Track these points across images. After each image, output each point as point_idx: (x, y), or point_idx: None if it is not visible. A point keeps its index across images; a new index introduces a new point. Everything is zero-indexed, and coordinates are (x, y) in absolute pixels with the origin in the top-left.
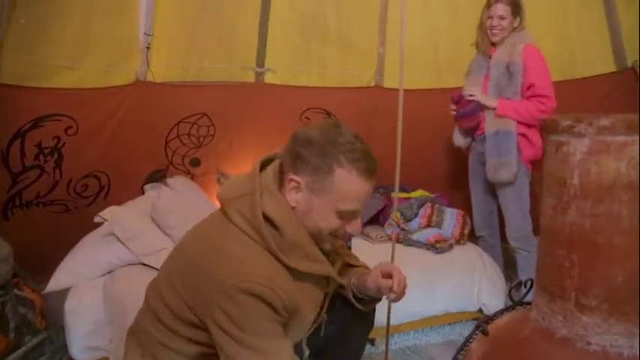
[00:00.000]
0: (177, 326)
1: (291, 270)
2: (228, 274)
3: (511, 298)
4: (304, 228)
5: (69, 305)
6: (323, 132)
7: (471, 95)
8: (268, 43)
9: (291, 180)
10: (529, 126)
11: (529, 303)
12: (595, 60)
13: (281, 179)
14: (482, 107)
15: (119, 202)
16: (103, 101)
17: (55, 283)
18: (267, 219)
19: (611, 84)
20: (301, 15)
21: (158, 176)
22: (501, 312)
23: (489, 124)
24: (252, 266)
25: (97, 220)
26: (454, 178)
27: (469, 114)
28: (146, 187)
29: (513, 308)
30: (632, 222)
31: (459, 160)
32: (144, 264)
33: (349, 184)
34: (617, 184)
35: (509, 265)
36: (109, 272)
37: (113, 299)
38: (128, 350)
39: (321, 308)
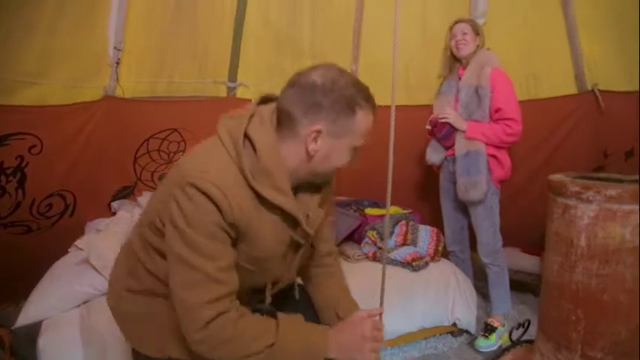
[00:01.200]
0: (149, 236)
1: (258, 197)
2: (190, 171)
3: (511, 339)
4: (281, 161)
5: (43, 342)
6: (330, 76)
7: (444, 117)
8: (241, 57)
9: (313, 131)
10: (498, 147)
11: (527, 341)
12: (557, 82)
13: (279, 119)
14: (454, 128)
15: (85, 221)
16: (69, 118)
17: (25, 317)
18: (249, 140)
19: (571, 105)
20: (275, 30)
21: (126, 193)
22: (502, 352)
23: (460, 145)
24: (215, 171)
25: (72, 250)
26: (424, 193)
27: (446, 136)
28: (113, 204)
29: (514, 347)
30: (635, 283)
31: (428, 175)
32: None
33: (366, 122)
34: (622, 248)
35: (477, 276)
36: (85, 302)
37: (91, 337)
38: (117, 265)
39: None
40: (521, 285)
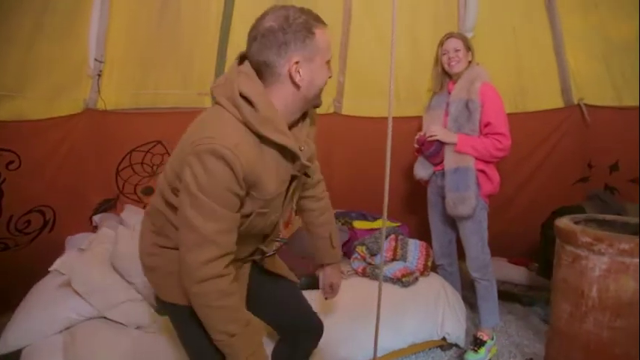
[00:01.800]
0: (172, 198)
1: (261, 140)
2: (200, 138)
3: None
4: (274, 107)
5: None
6: (281, 16)
7: (431, 136)
8: (226, 68)
9: (292, 64)
10: (487, 162)
11: None
12: (544, 96)
13: (258, 71)
14: (443, 143)
15: (65, 236)
16: (48, 133)
17: (4, 344)
18: (244, 98)
19: (558, 119)
20: None
21: (107, 206)
22: None
23: (449, 160)
24: (221, 133)
25: (52, 272)
26: (411, 204)
27: (433, 154)
28: (94, 217)
29: None
30: None
31: (415, 187)
32: (106, 317)
33: (325, 37)
34: (635, 302)
35: (465, 286)
36: (67, 328)
37: None
38: (143, 227)
39: (289, 191)
40: (508, 295)
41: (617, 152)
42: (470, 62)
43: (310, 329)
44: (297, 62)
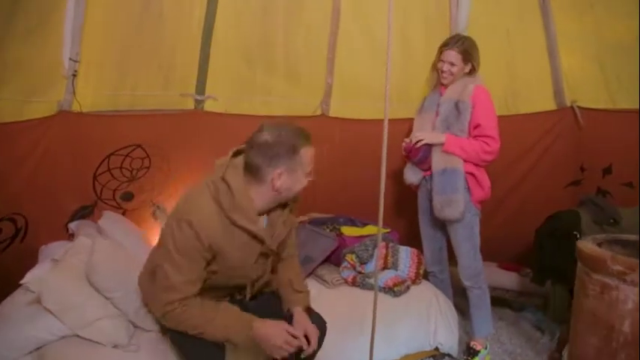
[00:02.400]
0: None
1: (232, 224)
2: (183, 209)
3: None
4: (251, 199)
5: None
6: (275, 133)
7: (418, 142)
8: (210, 69)
9: (278, 174)
10: (476, 165)
11: None
12: (536, 98)
13: (248, 170)
14: (431, 148)
15: (39, 245)
16: (20, 136)
17: None
18: (228, 185)
19: (551, 121)
20: (246, 42)
21: (84, 213)
22: None
23: (437, 161)
24: (197, 209)
25: (23, 287)
26: (401, 209)
27: (422, 160)
28: (71, 225)
29: None
30: None
31: (404, 191)
32: (79, 336)
33: (308, 153)
34: None
35: (456, 292)
36: (38, 349)
37: None
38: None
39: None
40: (499, 301)
41: (611, 155)
42: (470, 72)
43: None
44: (280, 173)
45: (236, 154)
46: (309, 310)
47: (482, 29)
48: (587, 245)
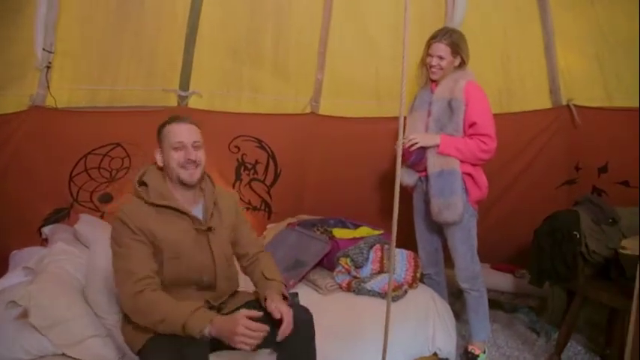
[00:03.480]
0: None
1: (156, 208)
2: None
3: None
4: (164, 183)
5: None
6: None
7: (412, 145)
8: (194, 64)
9: (158, 153)
10: (473, 165)
11: None
12: (532, 96)
13: None
14: (425, 148)
15: (9, 251)
16: None
17: None
18: (144, 183)
19: (546, 120)
20: (233, 35)
21: (59, 216)
22: None
23: (433, 163)
24: (124, 208)
25: (7, 305)
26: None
27: (416, 162)
28: (44, 229)
29: None
30: None
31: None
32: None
33: (172, 130)
34: None
35: (451, 293)
36: None
37: None
38: (123, 318)
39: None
40: (492, 302)
41: (606, 154)
42: (460, 65)
43: (298, 331)
44: (158, 152)
45: None
46: (288, 302)
47: (478, 26)
48: None
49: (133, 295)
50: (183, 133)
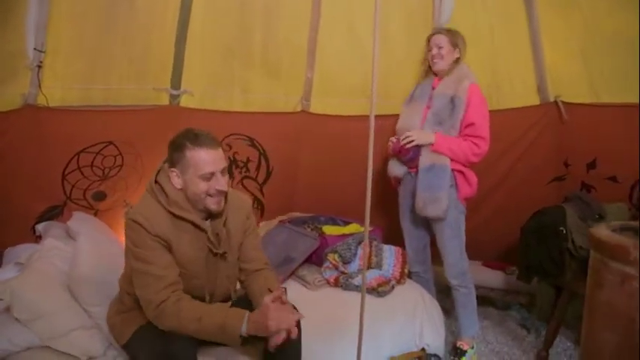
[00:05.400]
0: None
1: (173, 217)
2: (131, 214)
3: None
4: (183, 195)
5: None
6: (176, 135)
7: (408, 142)
8: (185, 63)
9: (172, 171)
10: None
11: None
12: (520, 93)
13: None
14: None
15: (4, 247)
16: None
17: None
18: (161, 186)
19: (534, 116)
20: (223, 34)
21: (53, 214)
22: None
23: (425, 156)
24: (141, 210)
25: None
26: (383, 206)
27: (413, 158)
28: (38, 226)
29: None
30: None
31: (386, 188)
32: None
33: (198, 156)
34: None
35: (439, 289)
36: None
37: None
38: (109, 310)
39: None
40: (483, 300)
41: (595, 150)
42: (458, 59)
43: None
44: (175, 173)
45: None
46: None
47: (465, 23)
48: (604, 232)
49: (163, 299)
50: (214, 161)
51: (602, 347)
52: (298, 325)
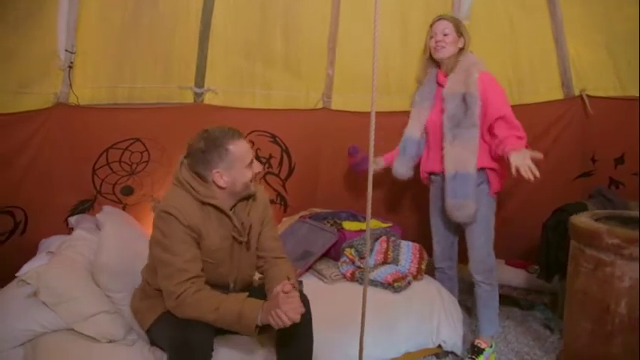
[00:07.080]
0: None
1: (202, 203)
2: (160, 207)
3: None
4: (205, 184)
5: None
6: (201, 138)
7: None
8: (208, 62)
9: (218, 175)
10: (496, 160)
11: None
12: (544, 87)
13: (196, 175)
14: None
15: (39, 238)
16: (15, 128)
17: None
18: (187, 180)
19: (558, 111)
20: (245, 34)
21: (84, 207)
22: None
23: (449, 165)
24: (172, 201)
25: (18, 282)
26: (404, 204)
27: (363, 169)
28: (70, 219)
29: None
30: None
31: (409, 186)
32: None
33: (239, 147)
34: None
35: (462, 290)
36: (30, 341)
37: None
38: (133, 297)
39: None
40: (507, 299)
41: (622, 145)
42: (462, 49)
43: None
44: (218, 172)
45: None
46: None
47: (485, 16)
48: (581, 219)
49: (182, 290)
50: (249, 149)
51: (579, 335)
52: (308, 314)
